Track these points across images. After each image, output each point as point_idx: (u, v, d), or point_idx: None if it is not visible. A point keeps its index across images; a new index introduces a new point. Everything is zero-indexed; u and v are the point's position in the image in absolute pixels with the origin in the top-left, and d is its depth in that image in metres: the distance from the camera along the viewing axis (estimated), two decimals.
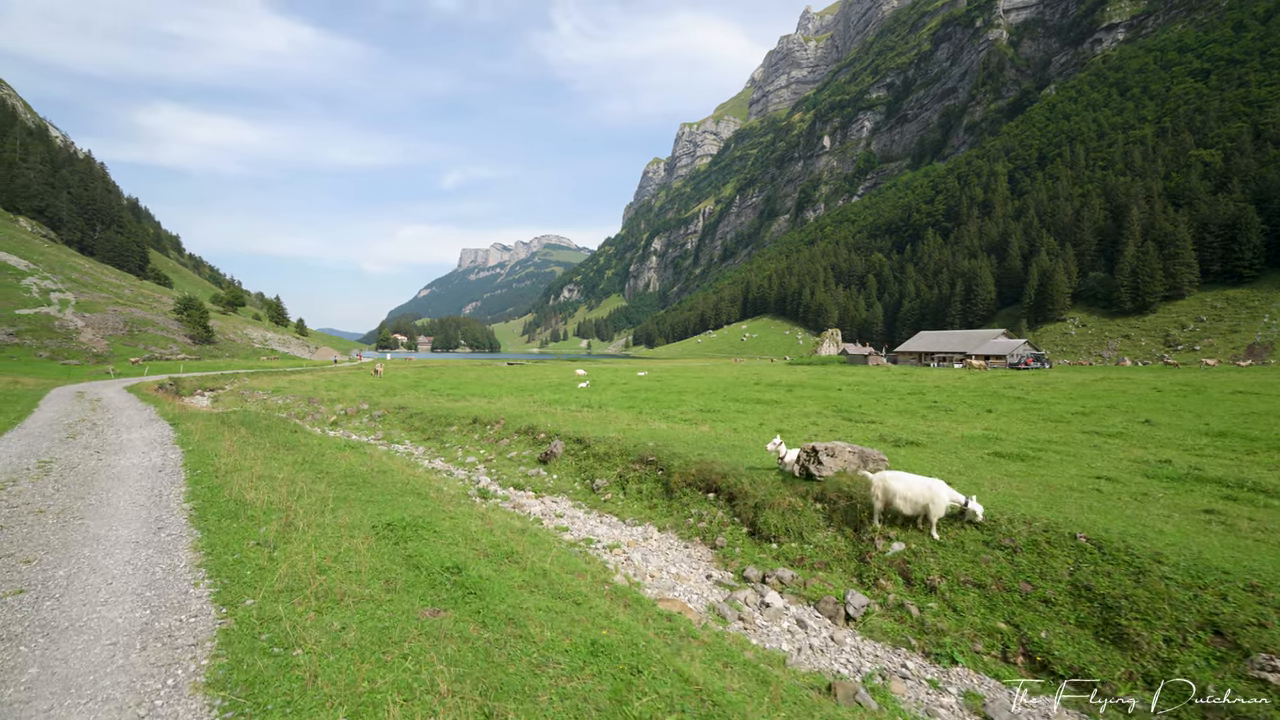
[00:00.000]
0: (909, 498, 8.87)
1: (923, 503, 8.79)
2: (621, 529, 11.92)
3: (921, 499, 8.79)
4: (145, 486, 9.41)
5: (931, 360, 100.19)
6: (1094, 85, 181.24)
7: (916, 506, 8.87)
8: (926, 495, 8.77)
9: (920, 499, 8.80)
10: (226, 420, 16.63)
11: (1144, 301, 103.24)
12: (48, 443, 12.94)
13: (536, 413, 21.99)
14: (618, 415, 21.37)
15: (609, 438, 15.91)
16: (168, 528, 7.35)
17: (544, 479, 15.52)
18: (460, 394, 32.82)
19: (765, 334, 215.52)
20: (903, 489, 8.95)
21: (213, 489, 8.88)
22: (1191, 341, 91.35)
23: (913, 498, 8.84)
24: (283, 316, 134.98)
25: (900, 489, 8.96)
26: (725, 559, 10.09)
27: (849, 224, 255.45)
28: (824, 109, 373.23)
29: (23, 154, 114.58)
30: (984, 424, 18.79)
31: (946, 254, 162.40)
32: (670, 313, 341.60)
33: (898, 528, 9.14)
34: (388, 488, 10.31)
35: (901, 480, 9.07)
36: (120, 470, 10.65)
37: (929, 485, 8.88)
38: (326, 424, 26.15)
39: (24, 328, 59.96)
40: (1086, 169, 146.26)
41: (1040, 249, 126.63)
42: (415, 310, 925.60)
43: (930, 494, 8.76)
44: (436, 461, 18.43)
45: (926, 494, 8.78)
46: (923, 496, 8.79)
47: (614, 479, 14.07)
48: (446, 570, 6.06)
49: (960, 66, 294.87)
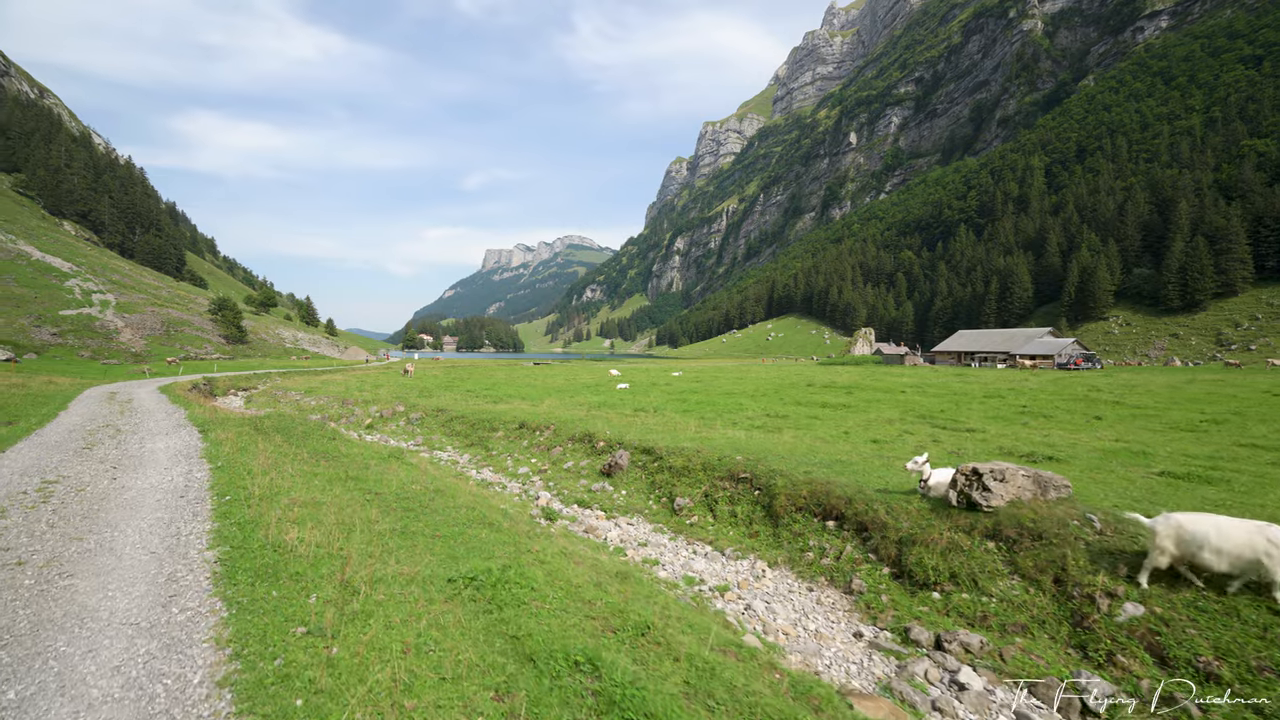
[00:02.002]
0: (1226, 550, 6.32)
1: (1248, 558, 6.27)
2: (722, 563, 9.93)
3: (1247, 552, 6.24)
4: (161, 521, 7.59)
5: (972, 360, 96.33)
6: (1136, 75, 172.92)
7: (1236, 563, 6.33)
8: (1257, 546, 6.20)
9: (1244, 551, 6.25)
10: (260, 427, 15.12)
11: (1193, 299, 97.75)
12: (60, 455, 11.33)
13: (588, 418, 20.13)
14: (679, 421, 19.37)
15: (683, 448, 13.93)
16: (183, 596, 5.35)
17: (611, 495, 13.62)
18: (496, 395, 31.23)
19: (791, 333, 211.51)
20: (1214, 537, 6.38)
21: (244, 525, 7.03)
22: (1246, 341, 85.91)
23: (1232, 550, 6.29)
24: (313, 317, 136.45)
25: (1209, 536, 6.39)
26: (870, 610, 8.03)
27: (877, 221, 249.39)
28: (850, 105, 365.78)
29: (67, 160, 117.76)
30: (1108, 434, 16.29)
31: (980, 251, 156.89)
32: (694, 312, 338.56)
33: (1126, 582, 6.93)
34: (451, 514, 8.50)
35: (1208, 524, 6.49)
36: (135, 495, 8.87)
37: (1259, 532, 6.28)
38: (362, 426, 24.74)
39: (67, 328, 60.64)
40: (1129, 162, 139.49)
41: (1080, 245, 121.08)
42: (440, 310, 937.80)
43: (1266, 544, 6.17)
44: (485, 471, 16.70)
45: (1258, 544, 6.21)
46: (1249, 548, 6.24)
47: (699, 498, 12.08)
48: (574, 665, 4.20)
49: (992, 59, 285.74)
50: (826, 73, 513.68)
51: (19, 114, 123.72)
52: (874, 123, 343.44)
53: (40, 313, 60.69)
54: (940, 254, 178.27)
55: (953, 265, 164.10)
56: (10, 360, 46.61)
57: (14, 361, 46.51)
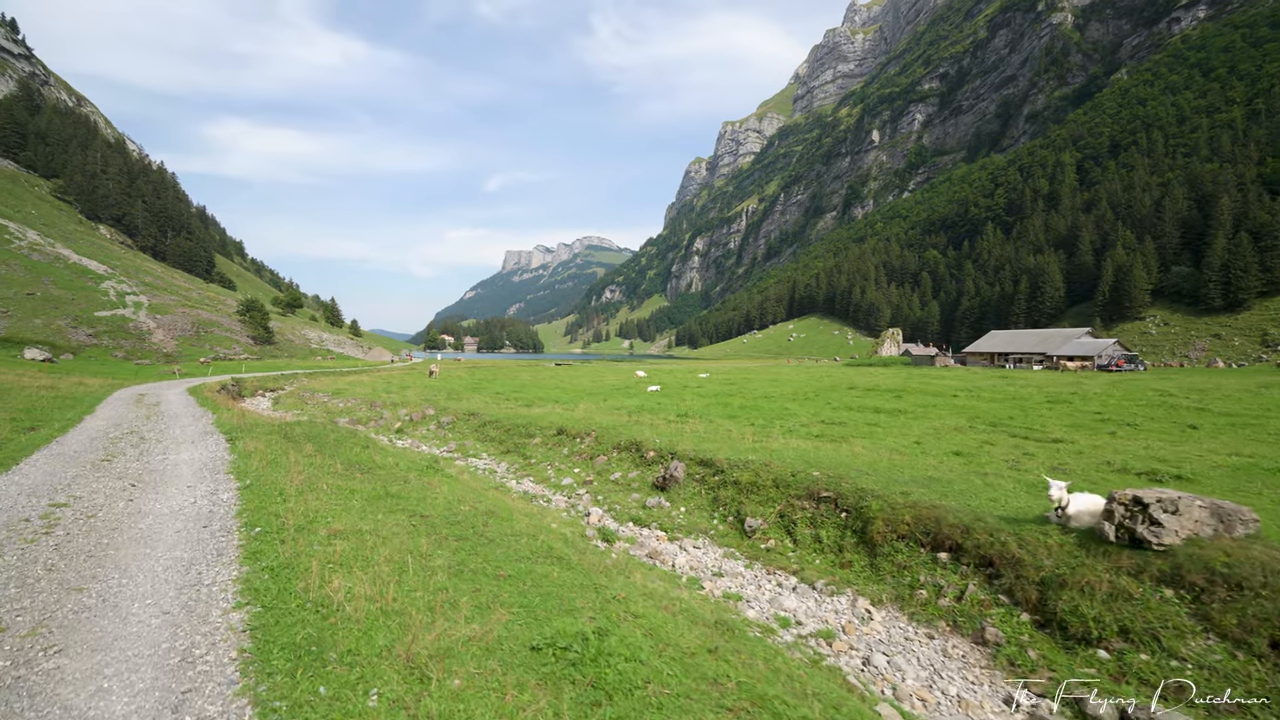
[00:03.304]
0: None
1: None
2: (815, 598, 8.60)
3: None
4: (180, 562, 6.29)
5: (1005, 361, 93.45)
6: (1172, 67, 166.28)
7: None
8: None
9: None
10: (290, 435, 14.18)
11: (1236, 298, 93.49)
12: (76, 469, 10.23)
13: (630, 424, 18.91)
14: (730, 428, 18.04)
15: (748, 460, 12.61)
16: (199, 695, 3.90)
17: (669, 513, 12.36)
18: (527, 398, 30.23)
19: (813, 334, 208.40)
20: None
21: (278, 571, 5.78)
22: None
23: None
24: (338, 318, 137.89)
25: None
26: (1014, 667, 6.65)
27: (900, 220, 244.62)
28: (872, 102, 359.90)
29: (103, 166, 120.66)
30: (1215, 446, 14.50)
31: (1009, 249, 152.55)
32: (714, 313, 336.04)
33: None
34: (510, 545, 7.31)
35: None
36: (152, 523, 7.61)
37: None
38: (391, 430, 23.90)
39: (102, 329, 61.48)
40: (1166, 156, 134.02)
41: (1115, 243, 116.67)
42: (461, 311, 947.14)
43: None
44: (525, 482, 15.59)
45: None
46: None
47: (773, 519, 10.75)
48: None
49: (1020, 54, 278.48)
50: (848, 70, 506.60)
51: (58, 121, 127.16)
52: (897, 120, 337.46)
53: (77, 314, 61.63)
54: (967, 253, 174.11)
55: (980, 264, 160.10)
56: (47, 360, 47.13)
57: (50, 361, 47.03)
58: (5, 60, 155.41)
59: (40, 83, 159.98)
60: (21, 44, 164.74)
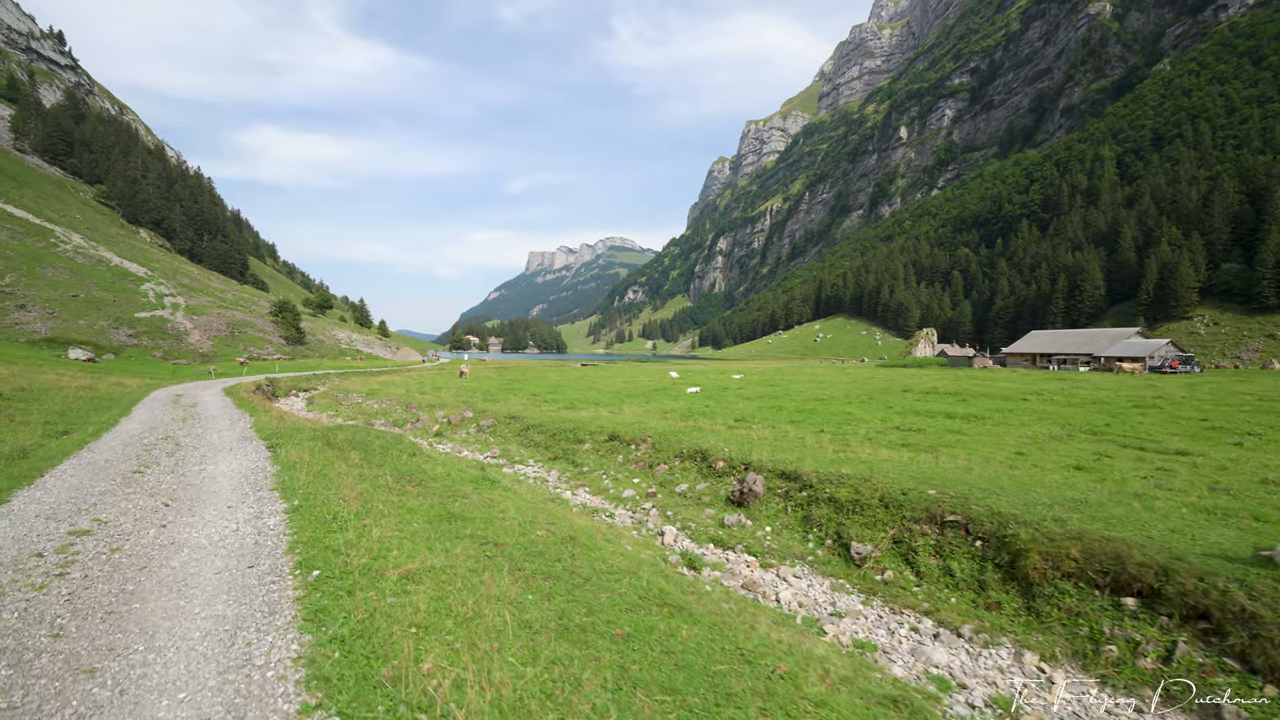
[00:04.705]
0: None
1: None
2: (966, 650, 7.08)
3: None
4: (223, 626, 4.87)
5: (1049, 362, 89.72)
6: (1219, 56, 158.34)
7: None
8: None
9: None
10: (333, 441, 13.14)
11: None
12: (105, 482, 9.19)
13: (688, 430, 17.51)
14: (799, 435, 16.51)
15: (841, 475, 11.09)
16: None
17: (752, 532, 10.93)
18: (563, 400, 29.06)
19: (840, 334, 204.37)
20: None
21: (349, 644, 4.40)
22: None
23: None
24: (366, 318, 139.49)
25: None
26: None
27: (930, 218, 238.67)
28: (900, 98, 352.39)
29: (143, 172, 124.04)
30: None
31: (1045, 247, 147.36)
32: (737, 313, 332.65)
33: None
34: (611, 587, 5.99)
35: None
36: (186, 560, 6.28)
37: None
38: (430, 434, 22.94)
39: (141, 329, 62.53)
40: (1214, 149, 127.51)
41: (1160, 239, 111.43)
42: (485, 312, 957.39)
43: None
44: (581, 493, 14.31)
45: None
46: None
47: (886, 545, 9.24)
48: None
49: (1055, 46, 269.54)
50: (874, 66, 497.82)
51: (101, 129, 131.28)
52: (925, 116, 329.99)
53: (118, 315, 62.81)
54: (1000, 251, 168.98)
55: (1014, 263, 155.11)
56: (90, 360, 47.78)
57: (93, 361, 47.67)
58: (53, 71, 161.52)
59: (85, 92, 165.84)
60: (68, 55, 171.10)
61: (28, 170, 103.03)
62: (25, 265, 64.44)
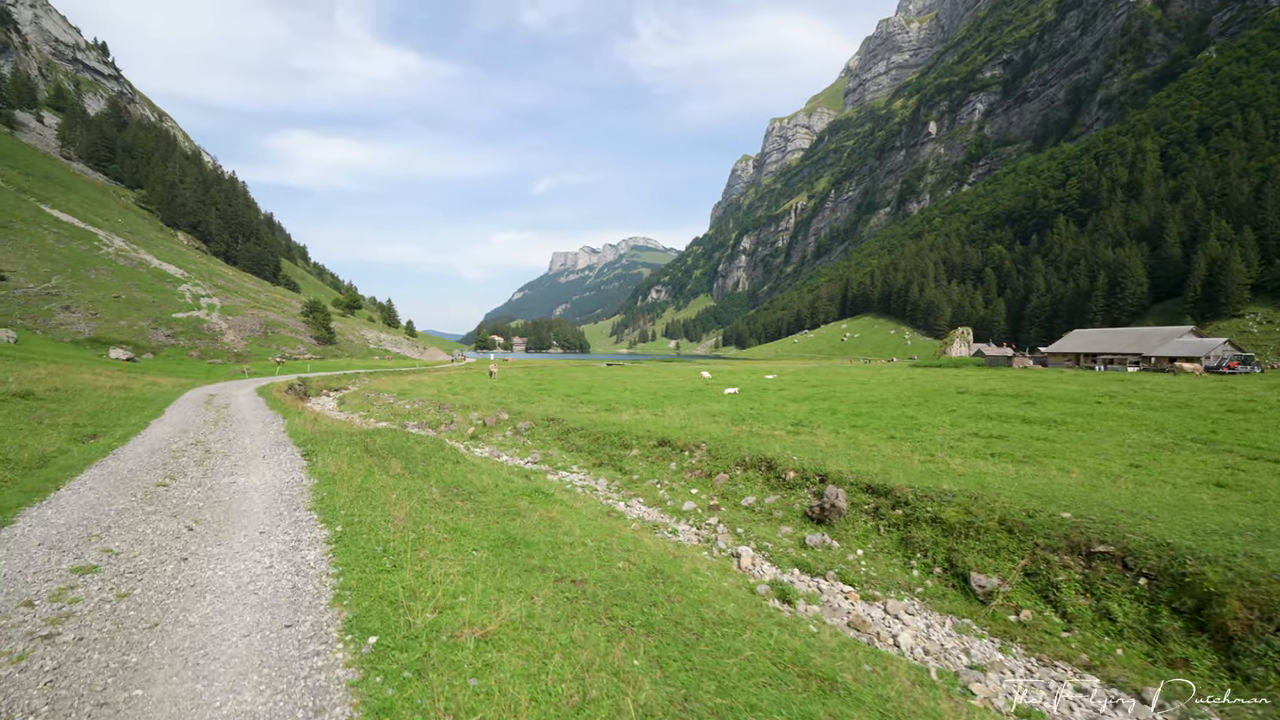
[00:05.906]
0: None
1: None
2: None
3: None
4: None
5: (1094, 362, 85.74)
6: (1272, 42, 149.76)
7: None
8: None
9: None
10: (371, 448, 12.23)
11: None
12: (125, 498, 8.17)
13: (745, 435, 16.22)
14: (872, 442, 15.12)
15: (943, 490, 9.71)
16: None
17: (841, 555, 9.62)
18: (599, 401, 28.00)
19: (868, 334, 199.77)
20: None
21: None
22: None
23: None
24: (394, 319, 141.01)
25: None
26: None
27: (960, 214, 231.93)
28: (929, 93, 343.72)
29: (180, 176, 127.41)
30: None
31: (1083, 243, 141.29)
32: (762, 312, 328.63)
33: None
34: (729, 644, 4.81)
35: None
36: (208, 614, 4.98)
37: None
38: (465, 436, 22.10)
39: (179, 329, 63.63)
40: (1267, 139, 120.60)
41: (1208, 234, 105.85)
42: (509, 312, 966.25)
43: None
44: (636, 505, 13.16)
45: None
46: None
47: (1016, 577, 7.84)
48: None
49: (1092, 35, 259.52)
50: (902, 61, 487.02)
51: (141, 135, 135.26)
52: (955, 110, 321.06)
53: (157, 315, 64.03)
54: (1035, 247, 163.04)
55: (1050, 260, 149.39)
56: (129, 359, 48.49)
57: (132, 360, 48.38)
58: (97, 81, 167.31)
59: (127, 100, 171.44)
60: (111, 65, 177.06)
61: (73, 176, 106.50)
62: (71, 268, 66.18)
